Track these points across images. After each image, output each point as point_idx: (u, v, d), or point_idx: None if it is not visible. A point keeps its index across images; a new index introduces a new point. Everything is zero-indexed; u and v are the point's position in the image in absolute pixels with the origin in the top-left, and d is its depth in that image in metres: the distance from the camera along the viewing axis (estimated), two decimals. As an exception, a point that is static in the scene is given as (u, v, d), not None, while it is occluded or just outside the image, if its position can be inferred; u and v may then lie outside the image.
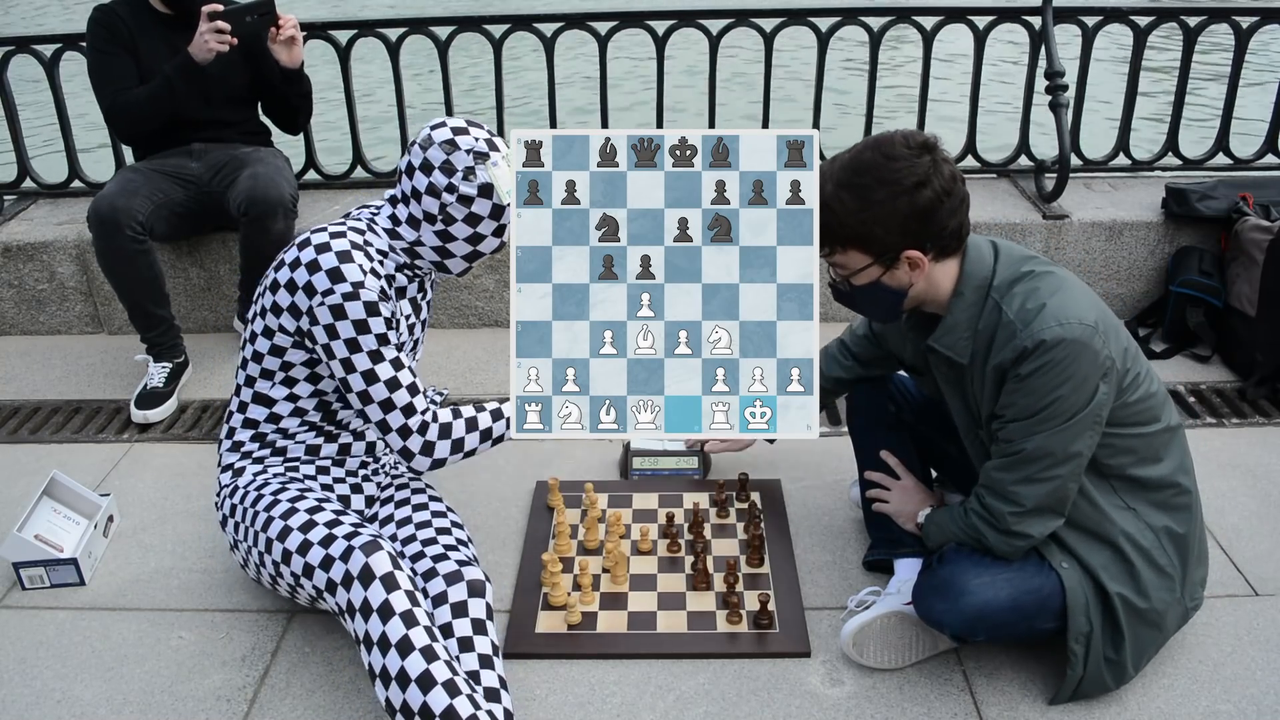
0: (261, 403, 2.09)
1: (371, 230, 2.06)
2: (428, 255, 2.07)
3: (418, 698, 1.70)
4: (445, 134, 1.99)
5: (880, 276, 1.83)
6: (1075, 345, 1.71)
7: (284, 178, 2.97)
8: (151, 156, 3.11)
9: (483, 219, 2.02)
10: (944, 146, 1.80)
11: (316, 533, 1.92)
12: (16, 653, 2.10)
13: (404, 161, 2.03)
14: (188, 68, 2.89)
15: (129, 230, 2.81)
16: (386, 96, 3.84)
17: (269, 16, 2.93)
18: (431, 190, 1.99)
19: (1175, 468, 1.88)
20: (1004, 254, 1.85)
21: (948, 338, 1.85)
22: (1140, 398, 1.82)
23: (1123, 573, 1.83)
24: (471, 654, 1.87)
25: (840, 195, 1.78)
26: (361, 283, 1.95)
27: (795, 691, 1.95)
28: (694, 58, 4.43)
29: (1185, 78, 3.47)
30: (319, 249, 1.97)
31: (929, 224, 1.76)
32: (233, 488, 2.11)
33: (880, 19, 3.47)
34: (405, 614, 1.77)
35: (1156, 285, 3.36)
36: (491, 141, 2.01)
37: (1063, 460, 1.76)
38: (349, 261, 1.95)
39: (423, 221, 2.03)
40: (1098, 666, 1.85)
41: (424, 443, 2.03)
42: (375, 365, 1.98)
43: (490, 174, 1.98)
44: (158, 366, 3.01)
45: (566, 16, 3.47)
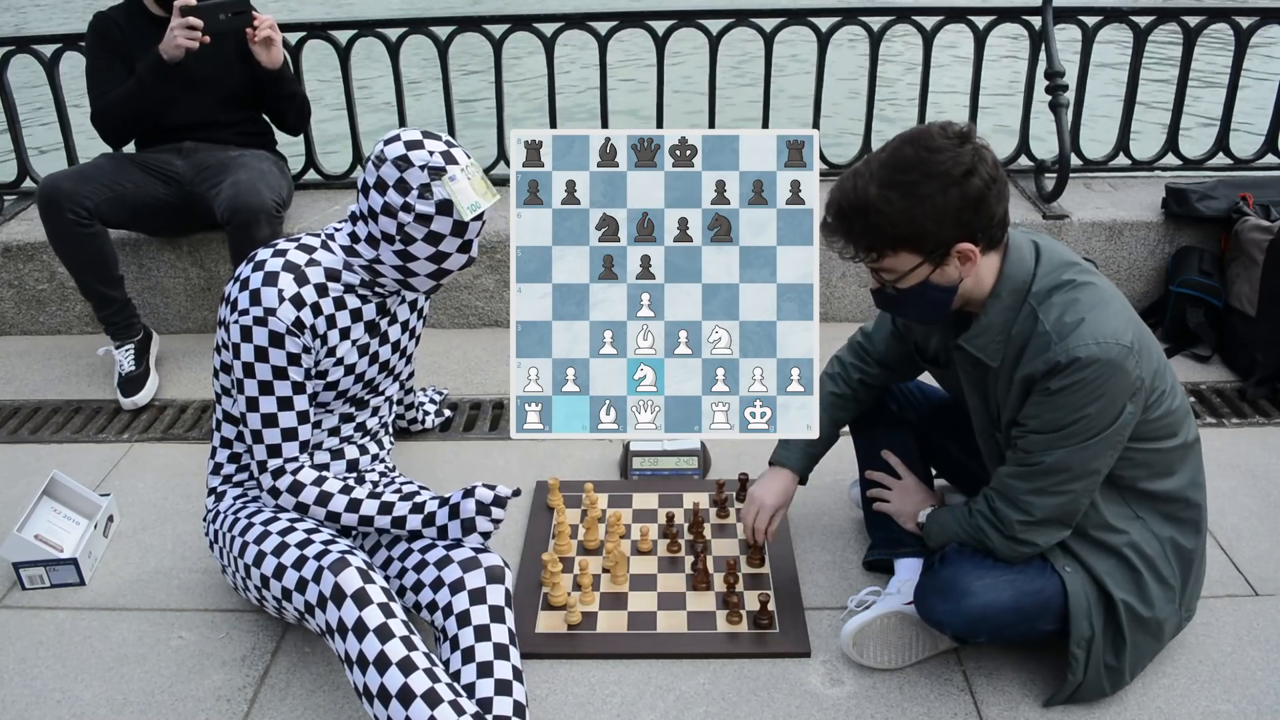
0: (230, 420, 2.09)
1: (326, 248, 1.98)
2: (390, 275, 1.97)
3: (400, 713, 1.68)
4: (398, 149, 1.86)
5: (930, 275, 1.74)
6: (1109, 366, 1.67)
7: (267, 184, 2.95)
8: (142, 150, 3.16)
9: (444, 237, 1.90)
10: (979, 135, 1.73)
11: (289, 555, 1.90)
12: (16, 653, 2.10)
13: (360, 178, 1.94)
14: (157, 65, 2.89)
15: (70, 213, 2.86)
16: (386, 96, 3.84)
17: (244, 16, 2.90)
18: (387, 210, 1.88)
19: (1187, 482, 1.86)
20: (1045, 257, 1.78)
21: (980, 339, 1.80)
22: (1162, 414, 1.79)
23: (1128, 580, 1.82)
24: (487, 644, 1.84)
25: (887, 196, 1.67)
26: (274, 309, 1.89)
27: (795, 691, 1.95)
28: (696, 62, 4.42)
29: (1185, 78, 3.47)
30: (255, 266, 1.93)
31: (980, 213, 1.68)
32: (214, 512, 2.11)
33: (880, 19, 3.47)
34: (379, 629, 1.74)
35: (1156, 285, 3.36)
36: (449, 154, 1.88)
37: (1080, 476, 1.74)
38: (271, 285, 1.90)
39: (381, 241, 1.93)
40: (1098, 672, 1.84)
41: (271, 488, 1.98)
42: (261, 396, 1.93)
43: (448, 189, 1.85)
44: (121, 351, 3.07)
45: (566, 16, 3.47)
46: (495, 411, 2.93)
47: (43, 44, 3.48)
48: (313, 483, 1.99)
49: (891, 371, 2.19)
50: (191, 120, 3.11)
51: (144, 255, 3.37)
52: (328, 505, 1.98)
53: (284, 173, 3.24)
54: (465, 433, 2.83)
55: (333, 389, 2.04)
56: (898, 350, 2.14)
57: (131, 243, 3.33)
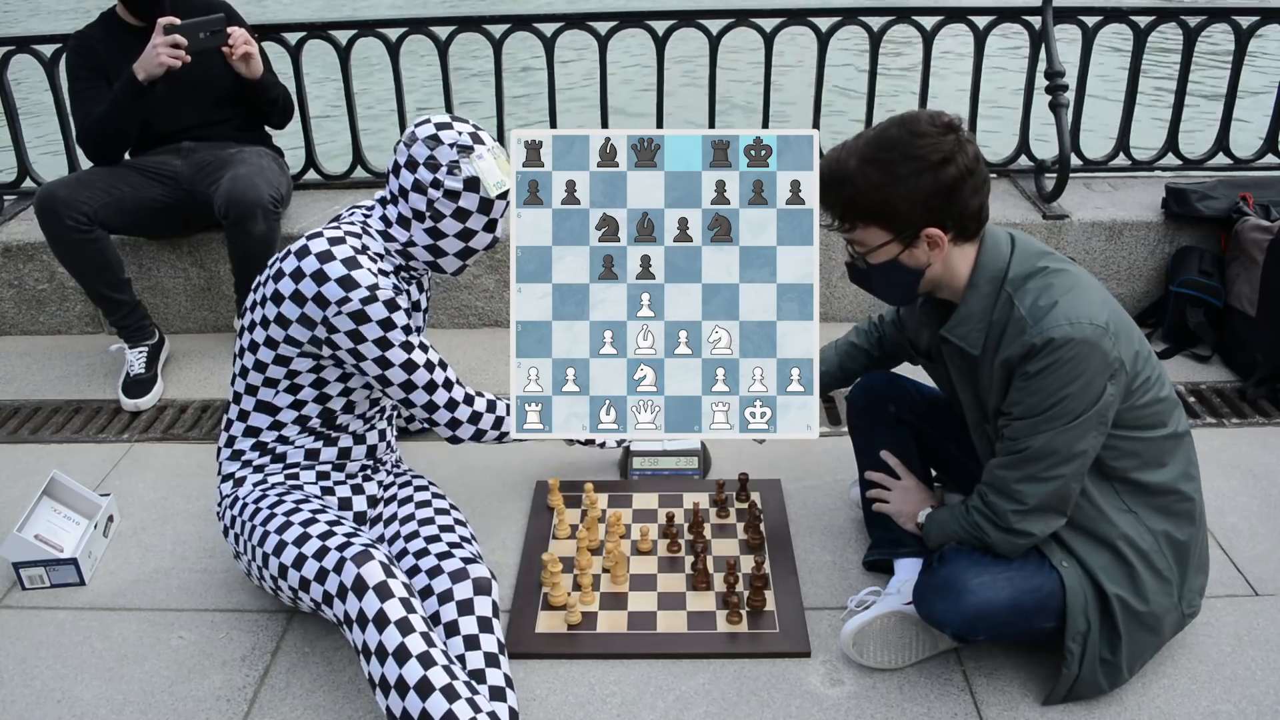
0: (265, 411, 2.08)
1: (366, 233, 2.05)
2: (420, 256, 2.06)
3: (417, 705, 1.70)
4: (428, 129, 1.97)
5: (899, 255, 1.83)
6: (1084, 345, 1.71)
7: (264, 179, 2.96)
8: (140, 155, 3.16)
9: (471, 213, 2.00)
10: (966, 129, 1.80)
11: (310, 546, 1.92)
12: (16, 653, 2.10)
13: (390, 160, 2.04)
14: (130, 84, 2.88)
15: (69, 220, 2.88)
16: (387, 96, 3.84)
17: (221, 34, 2.93)
18: (417, 187, 1.98)
19: (1179, 475, 1.87)
20: (1020, 247, 1.85)
21: (961, 328, 1.85)
22: (1148, 402, 1.81)
23: (1122, 575, 1.83)
24: (477, 652, 1.87)
25: (865, 169, 1.77)
26: (376, 284, 1.95)
27: (795, 691, 1.95)
28: (694, 64, 4.41)
29: (1185, 78, 3.47)
30: (321, 258, 1.95)
31: (952, 202, 1.76)
32: (233, 498, 2.11)
33: (880, 19, 3.47)
34: (400, 622, 1.76)
35: (1156, 285, 3.36)
36: (476, 135, 1.99)
37: (1067, 459, 1.76)
38: (357, 267, 1.95)
39: (412, 220, 2.02)
40: (1093, 667, 1.85)
41: (471, 413, 2.15)
42: (410, 355, 2.01)
43: (475, 167, 1.96)
44: (134, 353, 3.08)
45: (566, 16, 3.47)
46: (495, 411, 2.93)
47: (43, 44, 3.48)
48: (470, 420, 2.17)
49: (887, 353, 2.31)
50: (187, 124, 3.13)
51: (144, 256, 3.37)
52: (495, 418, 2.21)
53: (282, 169, 3.25)
54: (465, 433, 2.83)
55: None
56: (897, 337, 2.22)
57: (132, 243, 3.33)
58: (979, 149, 1.79)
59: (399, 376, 2.02)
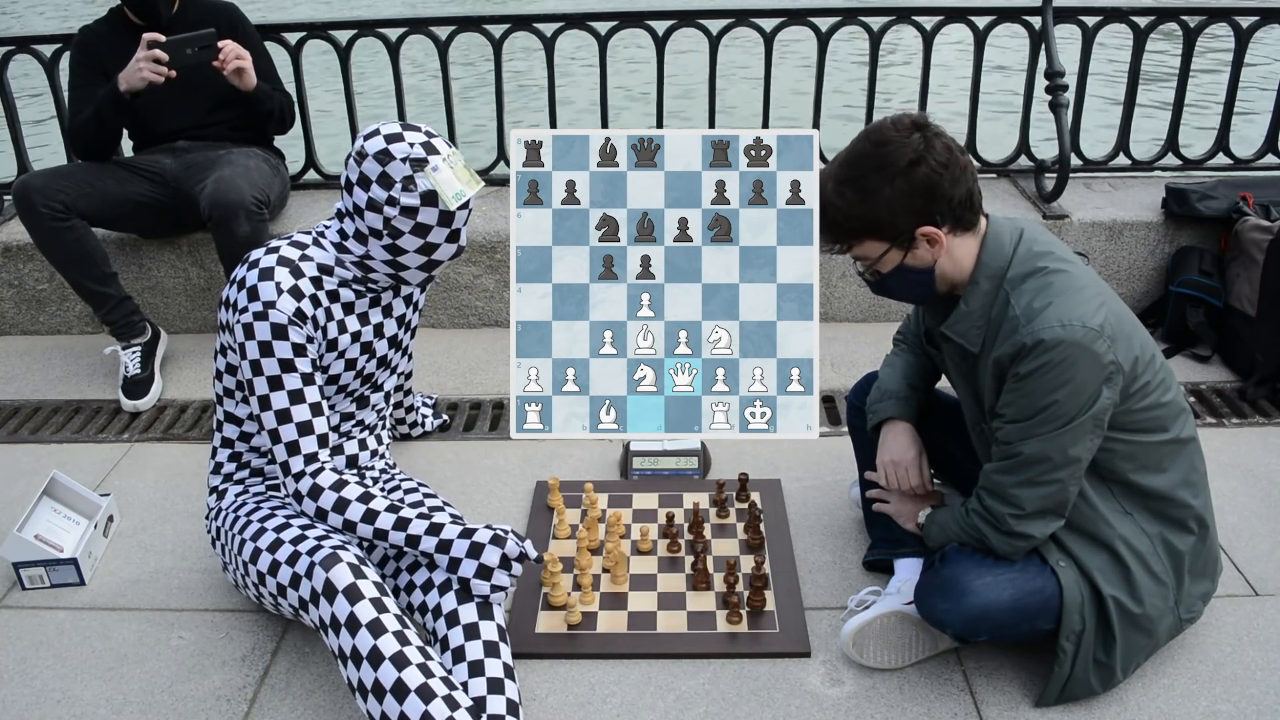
0: (231, 421, 2.09)
1: (317, 245, 1.98)
2: (380, 270, 1.97)
3: (395, 707, 1.68)
4: (378, 143, 1.85)
5: (902, 259, 1.83)
6: (1074, 348, 1.70)
7: (249, 180, 2.93)
8: (137, 151, 3.17)
9: (431, 228, 1.89)
10: (936, 122, 1.80)
11: (283, 552, 1.90)
12: (16, 653, 2.10)
13: (343, 175, 1.93)
14: (113, 96, 2.88)
15: (43, 207, 2.87)
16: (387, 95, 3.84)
17: (210, 50, 2.91)
18: (372, 206, 1.87)
19: (1178, 481, 1.86)
20: (1024, 244, 1.83)
21: (960, 325, 1.85)
22: (1147, 406, 1.80)
23: (1118, 576, 1.83)
24: (477, 642, 1.84)
25: (841, 191, 1.79)
26: (273, 302, 1.87)
27: (795, 691, 1.95)
28: (697, 65, 4.42)
29: (1185, 78, 3.48)
30: (250, 265, 1.93)
31: (934, 198, 1.76)
32: (215, 510, 2.11)
33: (880, 19, 3.47)
34: (372, 624, 1.74)
35: (1156, 285, 3.36)
36: (429, 144, 1.86)
37: (1062, 464, 1.75)
38: (267, 279, 1.89)
39: (369, 236, 1.92)
40: (1085, 667, 1.85)
41: (294, 492, 1.93)
42: (272, 392, 1.91)
43: (431, 180, 1.84)
44: (128, 353, 3.07)
45: (566, 16, 3.47)
46: (495, 411, 2.93)
47: (43, 44, 3.48)
48: (331, 487, 1.93)
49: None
50: (184, 124, 3.14)
51: (144, 255, 3.37)
52: (344, 513, 1.92)
53: (275, 170, 3.23)
54: (465, 433, 2.83)
55: (334, 383, 2.04)
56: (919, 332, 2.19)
57: (131, 243, 3.33)
58: (950, 140, 1.79)
59: (255, 407, 1.92)
